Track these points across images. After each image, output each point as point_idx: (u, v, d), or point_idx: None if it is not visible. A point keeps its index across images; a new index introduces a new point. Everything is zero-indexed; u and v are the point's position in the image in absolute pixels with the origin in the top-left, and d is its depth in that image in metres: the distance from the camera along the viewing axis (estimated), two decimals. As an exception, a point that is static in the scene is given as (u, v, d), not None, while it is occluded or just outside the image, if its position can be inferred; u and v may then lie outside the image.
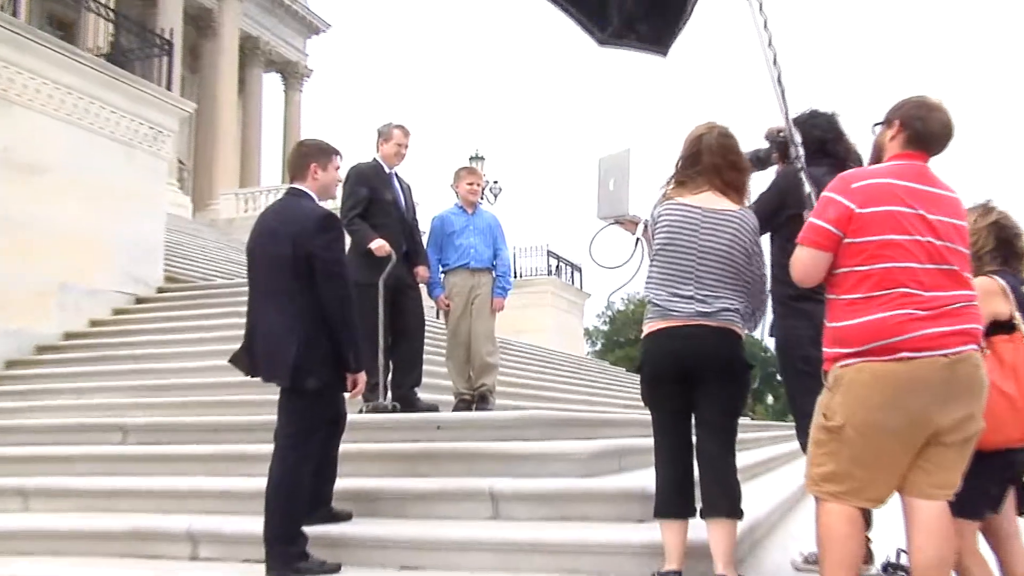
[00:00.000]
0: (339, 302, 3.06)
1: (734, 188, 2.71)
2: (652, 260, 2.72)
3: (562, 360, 13.84)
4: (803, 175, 2.63)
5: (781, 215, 2.91)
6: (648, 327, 2.68)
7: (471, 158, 20.43)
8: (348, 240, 4.30)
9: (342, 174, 4.01)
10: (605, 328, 50.03)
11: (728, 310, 2.63)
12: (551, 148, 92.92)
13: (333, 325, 3.05)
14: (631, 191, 2.90)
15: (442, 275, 5.39)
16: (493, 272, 5.39)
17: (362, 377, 3.19)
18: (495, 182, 20.93)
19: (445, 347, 5.46)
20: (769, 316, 2.97)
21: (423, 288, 5.34)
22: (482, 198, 5.75)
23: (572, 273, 21.92)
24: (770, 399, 45.23)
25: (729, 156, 2.70)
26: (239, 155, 23.53)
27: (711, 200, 2.68)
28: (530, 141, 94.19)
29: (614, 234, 2.98)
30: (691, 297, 2.62)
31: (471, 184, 5.40)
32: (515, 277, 19.25)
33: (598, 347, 51.24)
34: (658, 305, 2.66)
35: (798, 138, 2.71)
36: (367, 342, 4.44)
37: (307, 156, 3.26)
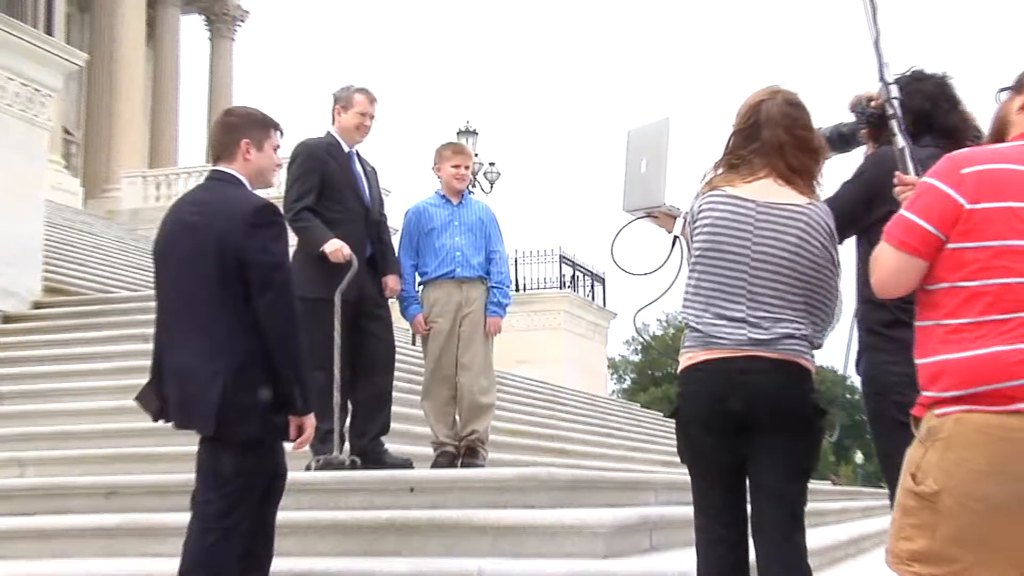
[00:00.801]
0: (281, 322, 3.07)
1: (801, 174, 2.70)
2: (691, 270, 2.72)
3: (578, 401, 13.85)
4: (906, 157, 2.62)
5: (870, 214, 2.89)
6: (686, 359, 2.67)
7: (459, 132, 20.52)
8: (293, 240, 4.32)
9: (284, 154, 4.05)
10: (636, 358, 50.04)
11: (791, 337, 2.62)
12: (565, 120, 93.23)
13: (272, 353, 3.06)
14: (669, 174, 2.91)
15: (419, 287, 5.42)
16: (487, 283, 5.41)
17: (310, 422, 3.20)
18: (490, 164, 21.04)
19: (422, 383, 5.47)
20: (854, 348, 2.97)
21: (394, 305, 5.35)
22: (473, 185, 5.76)
23: (593, 285, 21.99)
24: (859, 457, 45.13)
25: (796, 130, 2.69)
26: (148, 124, 23.63)
27: (770, 190, 2.67)
28: (537, 111, 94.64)
29: (645, 231, 2.99)
30: (742, 320, 2.61)
31: (457, 167, 5.42)
32: (517, 290, 19.31)
33: (627, 384, 51.20)
34: (698, 330, 2.65)
35: (895, 92, 2.66)
36: (318, 376, 4.45)
37: (236, 129, 3.28)
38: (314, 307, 4.61)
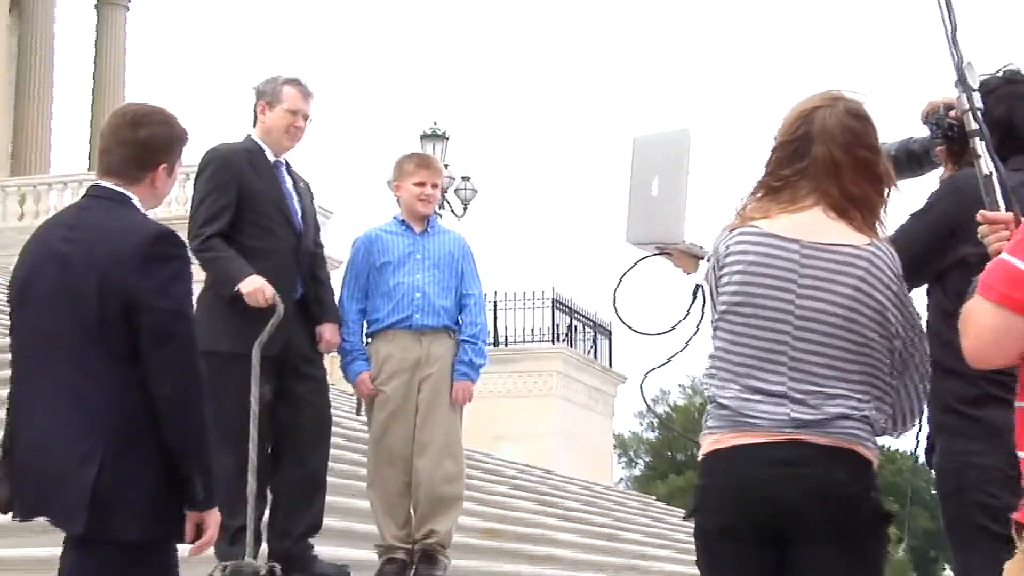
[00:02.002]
0: (179, 386, 3.06)
1: (859, 205, 2.73)
2: (716, 329, 2.75)
3: (574, 491, 13.82)
4: (994, 183, 2.65)
5: (945, 256, 2.96)
6: (710, 442, 2.70)
7: (423, 137, 20.62)
8: (199, 277, 4.32)
9: (191, 162, 4.06)
10: (652, 436, 50.04)
11: (848, 418, 2.64)
12: (560, 124, 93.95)
13: (166, 426, 3.05)
14: (689, 202, 2.94)
15: (367, 340, 5.43)
16: (455, 336, 5.44)
17: (213, 518, 3.18)
18: (464, 179, 21.14)
19: (366, 465, 5.46)
20: (925, 428, 2.99)
21: (333, 361, 5.34)
22: (442, 207, 5.78)
23: (595, 339, 22.07)
24: (948, 573, 45.15)
25: (858, 150, 2.72)
26: (10, 118, 23.63)
27: (818, 225, 2.70)
28: (524, 111, 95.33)
29: (660, 270, 3.01)
30: (782, 395, 2.64)
31: (423, 184, 5.46)
32: (496, 344, 19.31)
33: (639, 469, 51.15)
34: (726, 406, 2.68)
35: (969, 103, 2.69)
36: (227, 456, 4.43)
37: (155, 148, 3.27)
38: (225, 365, 4.62)
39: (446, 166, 18.82)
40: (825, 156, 2.71)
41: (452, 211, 20.24)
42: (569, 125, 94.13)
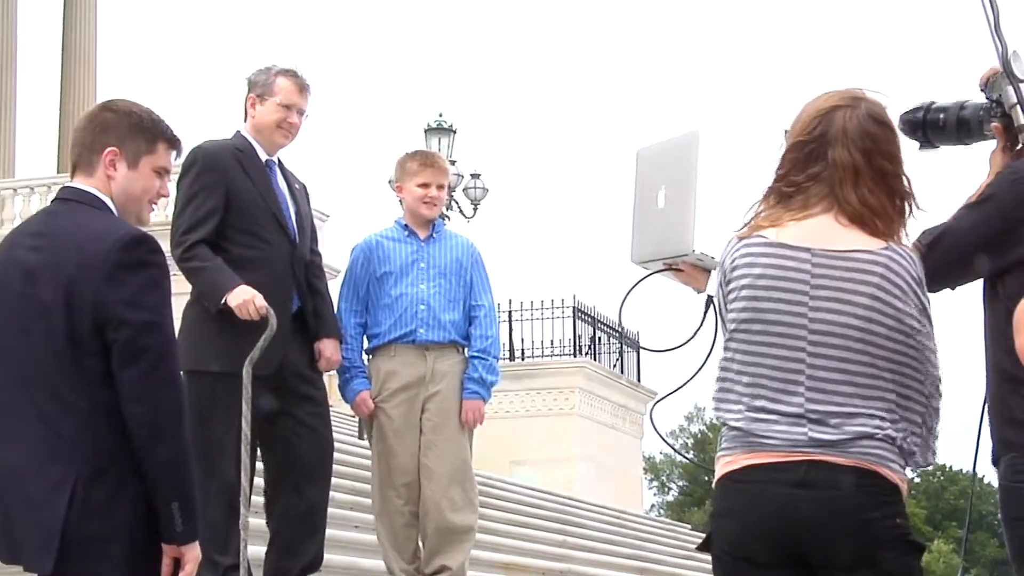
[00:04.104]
0: (153, 408, 3.04)
1: (876, 213, 2.73)
2: (726, 348, 2.78)
3: (601, 519, 13.81)
4: None
5: (1003, 253, 2.97)
6: (722, 465, 2.73)
7: (428, 130, 20.62)
8: (182, 289, 4.33)
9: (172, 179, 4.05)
10: (686, 458, 49.80)
11: (871, 437, 2.66)
12: (578, 118, 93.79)
13: (141, 451, 3.04)
14: (697, 210, 2.94)
15: (367, 356, 5.45)
16: (464, 352, 5.46)
17: (193, 555, 3.15)
18: (473, 176, 21.13)
19: (370, 495, 5.46)
20: (985, 446, 2.99)
21: (332, 380, 5.34)
22: (449, 208, 5.78)
23: (622, 351, 22.03)
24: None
25: (877, 159, 2.72)
26: (-28, 117, 23.63)
27: (831, 231, 2.72)
28: (539, 103, 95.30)
29: (675, 285, 3.01)
30: (798, 415, 2.67)
31: (427, 186, 5.48)
32: (511, 359, 19.30)
33: (672, 495, 50.98)
34: (738, 428, 2.71)
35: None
36: (212, 487, 4.42)
37: (105, 130, 3.26)
38: (212, 386, 4.65)
39: (453, 162, 18.81)
40: (844, 160, 2.72)
41: (461, 212, 20.24)
42: (588, 115, 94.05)
